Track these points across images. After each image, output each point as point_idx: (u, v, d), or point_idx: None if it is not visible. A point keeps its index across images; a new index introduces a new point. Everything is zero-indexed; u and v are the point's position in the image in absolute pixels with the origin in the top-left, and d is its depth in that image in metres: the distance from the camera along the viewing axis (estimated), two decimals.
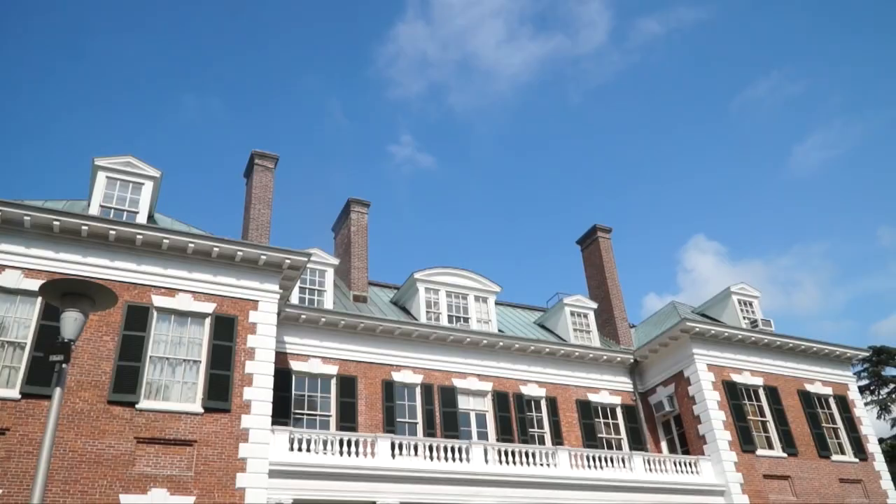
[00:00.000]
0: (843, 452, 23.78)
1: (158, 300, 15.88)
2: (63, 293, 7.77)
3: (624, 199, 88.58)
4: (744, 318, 25.21)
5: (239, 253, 16.74)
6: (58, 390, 7.55)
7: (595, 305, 25.86)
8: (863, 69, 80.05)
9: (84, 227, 15.32)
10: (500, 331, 23.11)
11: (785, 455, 22.23)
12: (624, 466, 19.87)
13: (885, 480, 23.82)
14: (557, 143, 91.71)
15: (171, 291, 16.11)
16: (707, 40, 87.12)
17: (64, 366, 7.67)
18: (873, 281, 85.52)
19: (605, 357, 23.70)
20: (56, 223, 15.10)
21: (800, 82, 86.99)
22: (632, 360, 24.13)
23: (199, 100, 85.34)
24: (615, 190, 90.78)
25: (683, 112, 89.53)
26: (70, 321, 7.67)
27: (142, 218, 17.29)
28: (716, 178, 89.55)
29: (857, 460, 23.73)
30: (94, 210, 16.87)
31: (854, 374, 26.92)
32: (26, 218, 14.86)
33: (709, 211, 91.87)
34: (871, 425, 25.47)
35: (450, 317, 22.36)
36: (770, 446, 22.33)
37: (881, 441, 35.02)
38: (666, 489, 19.93)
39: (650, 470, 20.14)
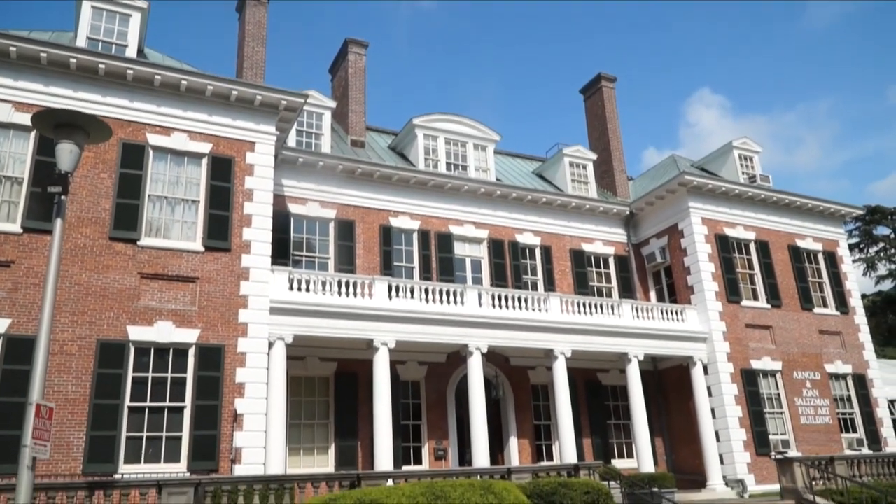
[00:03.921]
0: (825, 305, 24.60)
1: (154, 139, 15.66)
2: (56, 124, 7.67)
3: (630, 50, 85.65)
4: (743, 173, 25.15)
5: (234, 92, 16.32)
6: (58, 221, 7.62)
7: (594, 156, 25.70)
8: None
9: (72, 60, 14.81)
10: (498, 179, 23.09)
11: (769, 306, 23.00)
12: (613, 313, 20.55)
13: (864, 333, 24.86)
14: None
15: (166, 130, 15.86)
16: None
17: (63, 197, 7.71)
18: (876, 141, 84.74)
19: (601, 208, 23.86)
20: (43, 55, 14.56)
21: None
22: (627, 212, 24.32)
23: None
24: (621, 40, 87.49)
25: None
26: (65, 153, 7.62)
27: (131, 52, 16.71)
28: (727, 30, 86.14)
29: (838, 313, 24.60)
30: (80, 42, 16.23)
31: (846, 231, 27.29)
32: (12, 49, 14.31)
33: (717, 64, 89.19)
34: (856, 281, 26.15)
35: (448, 164, 22.25)
36: (755, 298, 23.04)
37: (864, 297, 36.16)
38: (652, 335, 20.76)
39: (637, 317, 20.86)
